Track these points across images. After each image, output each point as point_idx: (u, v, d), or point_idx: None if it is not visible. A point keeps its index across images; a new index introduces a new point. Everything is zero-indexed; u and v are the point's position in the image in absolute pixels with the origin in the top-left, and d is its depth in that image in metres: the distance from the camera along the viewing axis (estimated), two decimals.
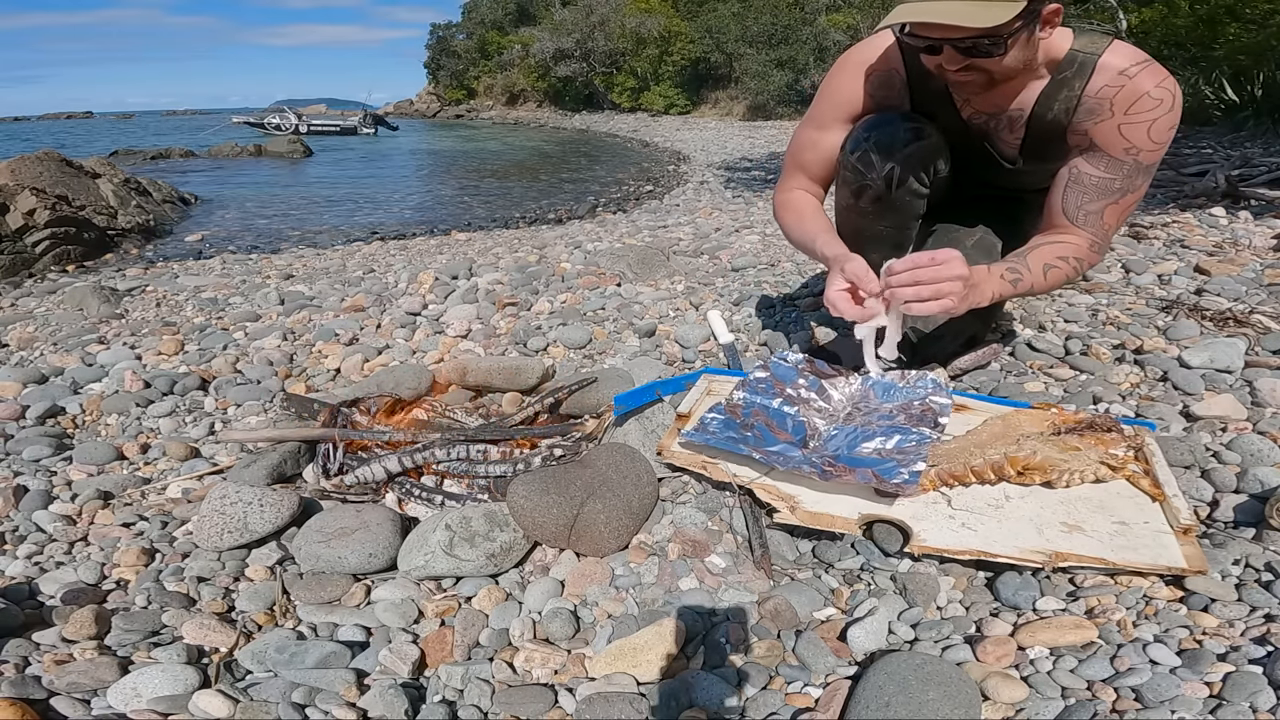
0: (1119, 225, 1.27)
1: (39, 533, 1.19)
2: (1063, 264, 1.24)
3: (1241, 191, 3.32)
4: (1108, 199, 1.21)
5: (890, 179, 1.33)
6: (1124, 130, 1.16)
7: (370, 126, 22.69)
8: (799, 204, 1.45)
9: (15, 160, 5.36)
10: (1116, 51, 1.17)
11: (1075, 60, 1.18)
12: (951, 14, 1.06)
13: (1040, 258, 1.24)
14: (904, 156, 1.31)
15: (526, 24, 34.92)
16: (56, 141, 17.93)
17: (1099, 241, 1.26)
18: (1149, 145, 1.16)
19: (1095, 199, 1.21)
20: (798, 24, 20.21)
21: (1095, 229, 1.24)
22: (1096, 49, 1.17)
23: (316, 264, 3.59)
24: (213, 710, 0.80)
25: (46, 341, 2.22)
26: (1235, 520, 1.01)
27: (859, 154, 1.34)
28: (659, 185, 8.30)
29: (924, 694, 0.71)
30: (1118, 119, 1.15)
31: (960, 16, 1.06)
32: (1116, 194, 1.21)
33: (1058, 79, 1.19)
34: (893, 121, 1.31)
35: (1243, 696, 0.71)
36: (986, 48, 1.11)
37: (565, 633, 0.90)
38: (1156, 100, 1.14)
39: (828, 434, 1.19)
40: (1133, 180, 1.19)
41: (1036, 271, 1.23)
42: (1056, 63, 1.19)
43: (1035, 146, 1.29)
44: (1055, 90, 1.20)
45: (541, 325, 2.00)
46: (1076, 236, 1.25)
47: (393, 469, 1.25)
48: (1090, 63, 1.17)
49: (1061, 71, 1.19)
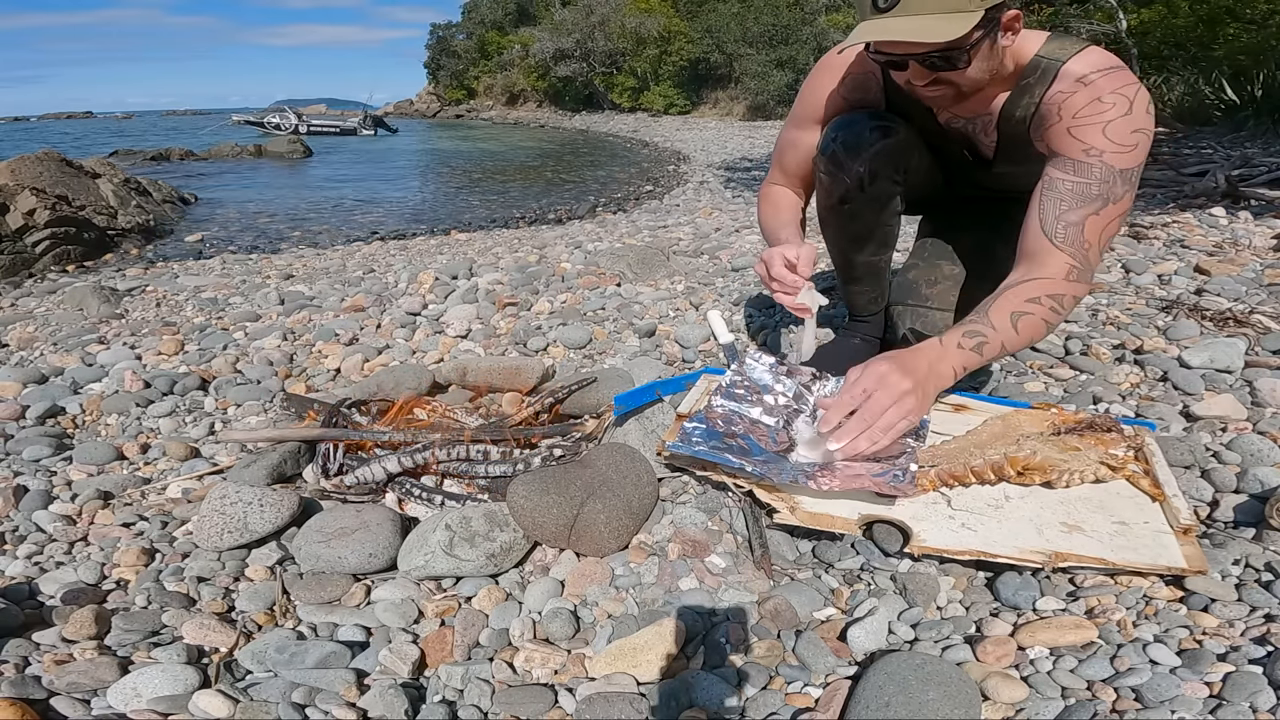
0: (1101, 247, 1.13)
1: (39, 533, 1.19)
2: (1034, 308, 1.10)
3: (1241, 191, 3.32)
4: (1086, 208, 1.11)
5: (861, 178, 1.33)
6: (1074, 132, 1.11)
7: (370, 128, 22.96)
8: (776, 198, 1.49)
9: (15, 160, 5.36)
10: (1083, 58, 1.13)
11: (1039, 66, 1.16)
12: (907, 31, 1.05)
13: (1005, 308, 1.11)
14: (872, 155, 1.31)
15: (526, 24, 34.92)
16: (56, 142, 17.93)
17: (1077, 266, 1.11)
18: (1110, 146, 1.10)
19: (1073, 207, 1.12)
20: (798, 24, 20.23)
21: (1075, 247, 1.11)
22: (1063, 55, 1.14)
23: (316, 264, 3.59)
24: (213, 710, 0.80)
25: (46, 341, 2.22)
26: (1235, 520, 1.01)
27: (829, 154, 1.35)
28: (659, 185, 8.30)
29: (924, 694, 0.71)
30: (1065, 123, 1.12)
31: (917, 33, 1.05)
32: (1095, 202, 1.11)
33: (1022, 84, 1.18)
34: (859, 121, 1.31)
35: (1243, 696, 0.71)
36: (948, 61, 1.10)
37: (565, 633, 0.90)
38: (1109, 104, 1.10)
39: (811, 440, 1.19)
40: (1110, 187, 1.10)
41: (1003, 327, 1.10)
42: (1022, 69, 1.17)
43: (1007, 151, 1.29)
44: (1019, 96, 1.18)
45: (541, 325, 2.00)
46: (1049, 267, 1.12)
47: (393, 469, 1.25)
48: (1053, 69, 1.14)
49: (1025, 77, 1.17)
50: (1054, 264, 1.12)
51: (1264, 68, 5.93)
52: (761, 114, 19.89)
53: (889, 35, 1.07)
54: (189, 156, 14.23)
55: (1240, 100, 5.96)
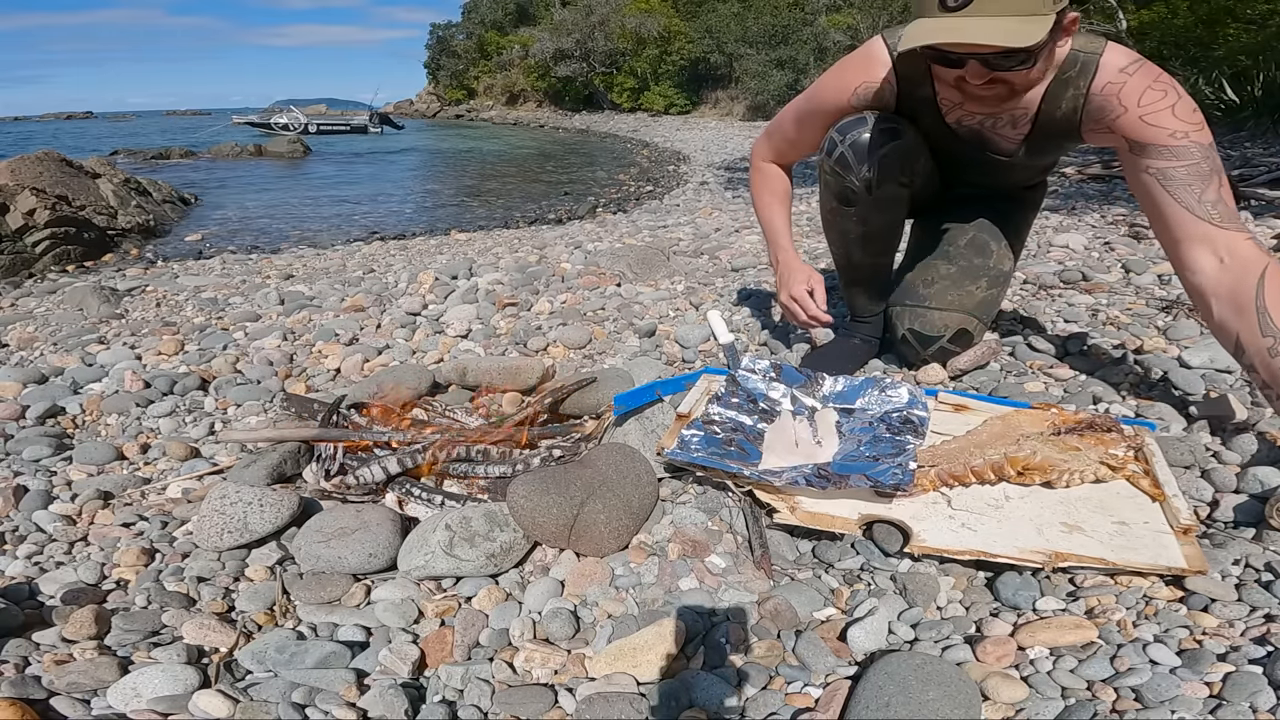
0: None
1: (39, 533, 1.19)
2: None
3: (1241, 191, 3.32)
4: (1212, 183, 1.11)
5: (869, 181, 1.33)
6: (1149, 119, 1.14)
7: (377, 125, 24.19)
8: (773, 182, 1.58)
9: (15, 160, 5.36)
10: (1114, 51, 1.18)
11: (1078, 60, 1.19)
12: (986, 33, 1.03)
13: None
14: (880, 157, 1.31)
15: (526, 24, 34.93)
16: (56, 141, 17.92)
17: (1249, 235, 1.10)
18: (1189, 125, 1.12)
19: (1205, 187, 1.11)
20: (798, 24, 20.20)
21: (1234, 220, 1.10)
22: (1096, 49, 1.18)
23: (316, 264, 3.59)
24: (213, 710, 0.80)
25: (46, 341, 2.22)
26: (1235, 520, 1.01)
27: (836, 157, 1.35)
28: (659, 185, 8.29)
29: (924, 694, 0.71)
30: (1135, 111, 1.14)
31: (998, 36, 1.03)
32: (1215, 175, 1.11)
33: (1061, 78, 1.20)
34: (866, 123, 1.31)
35: (1243, 696, 0.71)
36: (1018, 63, 1.10)
37: (565, 633, 0.90)
38: (1162, 90, 1.14)
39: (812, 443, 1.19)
40: (1213, 161, 1.12)
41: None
42: (1060, 64, 1.19)
43: (1039, 141, 1.31)
44: (1061, 89, 1.21)
45: (541, 325, 2.00)
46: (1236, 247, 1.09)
47: (392, 469, 1.25)
48: (1092, 62, 1.18)
49: (1065, 71, 1.19)
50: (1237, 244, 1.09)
51: (1264, 68, 5.93)
52: (761, 114, 19.85)
53: (965, 37, 1.04)
54: (189, 156, 14.24)
55: (1240, 100, 5.96)
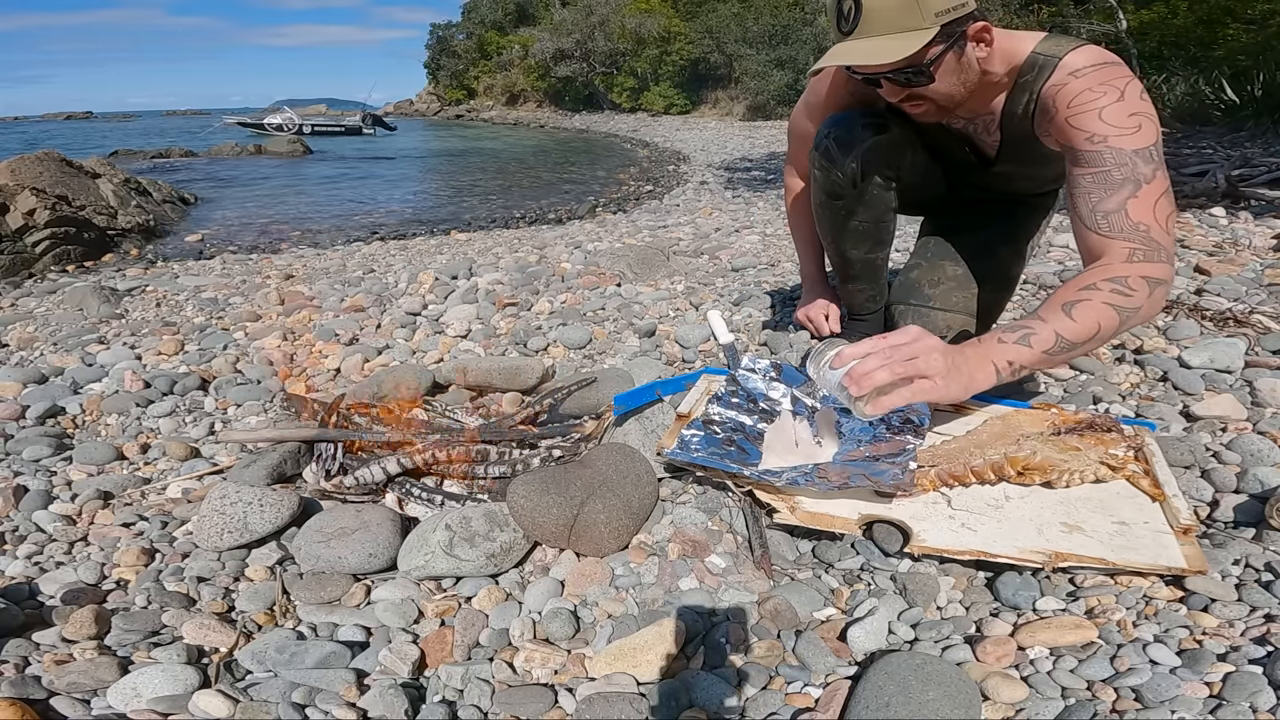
0: (1164, 227, 1.06)
1: (39, 533, 1.19)
2: (1089, 293, 1.02)
3: (1241, 191, 3.32)
4: (1118, 193, 1.07)
5: (853, 175, 1.35)
6: (1072, 121, 1.11)
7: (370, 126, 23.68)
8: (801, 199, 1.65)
9: (15, 160, 5.35)
10: (1079, 53, 1.13)
11: (1036, 63, 1.17)
12: (863, 54, 1.09)
13: (1056, 300, 1.04)
14: (864, 151, 1.33)
15: (526, 24, 34.93)
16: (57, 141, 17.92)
17: (1138, 247, 1.04)
18: (1111, 130, 1.07)
19: (1104, 197, 1.08)
20: (798, 24, 20.19)
21: (1126, 231, 1.05)
22: (1059, 51, 1.15)
23: (316, 264, 3.59)
24: (213, 710, 0.80)
25: (46, 341, 2.22)
26: (1235, 520, 1.01)
27: (821, 150, 1.37)
28: (659, 185, 8.29)
29: (924, 694, 0.71)
30: (1062, 113, 1.12)
31: (872, 55, 1.08)
32: (1126, 185, 1.06)
33: (1020, 82, 1.19)
34: (852, 118, 1.34)
35: (1243, 696, 0.71)
36: (911, 78, 1.14)
37: (565, 633, 0.90)
38: (1100, 92, 1.09)
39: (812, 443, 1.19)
40: (1131, 169, 1.06)
41: (1054, 316, 1.02)
42: (1019, 68, 1.18)
43: (1011, 148, 1.29)
44: (1020, 94, 1.20)
45: (541, 325, 2.00)
46: (1105, 256, 1.07)
47: (392, 470, 1.25)
48: (1050, 64, 1.15)
49: (1024, 75, 1.18)
50: (1110, 251, 1.06)
51: (1264, 68, 5.93)
52: (761, 114, 19.86)
53: (850, 59, 1.11)
54: (189, 156, 14.24)
55: (1240, 100, 5.97)
